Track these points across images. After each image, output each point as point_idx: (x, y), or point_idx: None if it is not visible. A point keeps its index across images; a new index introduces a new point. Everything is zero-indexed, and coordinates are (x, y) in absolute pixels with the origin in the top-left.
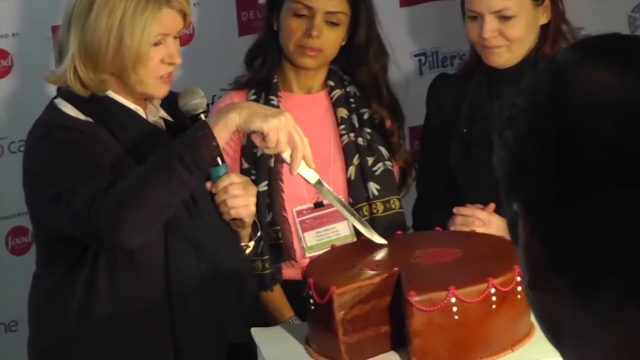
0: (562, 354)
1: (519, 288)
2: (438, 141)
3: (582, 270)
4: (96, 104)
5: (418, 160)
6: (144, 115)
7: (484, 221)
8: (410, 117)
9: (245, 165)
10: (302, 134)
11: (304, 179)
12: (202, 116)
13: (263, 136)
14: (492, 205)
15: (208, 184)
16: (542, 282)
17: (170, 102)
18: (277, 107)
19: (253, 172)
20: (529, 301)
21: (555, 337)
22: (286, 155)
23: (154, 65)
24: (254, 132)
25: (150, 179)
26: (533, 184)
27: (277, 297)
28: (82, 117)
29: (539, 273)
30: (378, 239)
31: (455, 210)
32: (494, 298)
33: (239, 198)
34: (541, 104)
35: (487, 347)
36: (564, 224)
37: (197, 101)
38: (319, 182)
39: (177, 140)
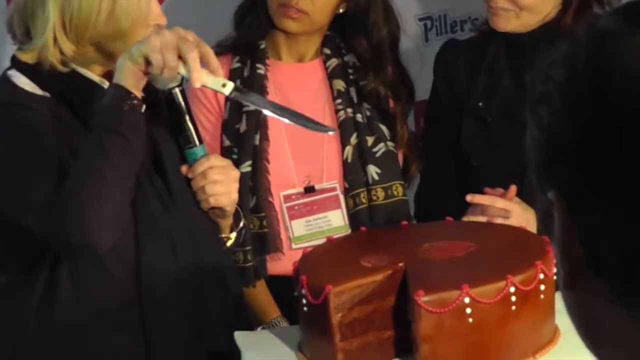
0: (599, 358)
1: (542, 287)
2: (448, 117)
3: (627, 268)
4: (58, 78)
5: (424, 139)
6: None
7: (506, 210)
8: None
9: (227, 143)
10: (194, 36)
11: (215, 90)
12: (176, 90)
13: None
14: (513, 189)
15: (184, 168)
16: (580, 281)
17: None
18: (264, 76)
19: (235, 150)
20: (565, 302)
21: (594, 342)
22: (183, 71)
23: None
24: (148, 64)
25: (90, 166)
26: (570, 168)
27: (260, 294)
28: (39, 92)
29: (577, 271)
30: (325, 129)
31: (469, 198)
32: (513, 298)
33: (219, 184)
34: (580, 76)
35: (506, 354)
36: (606, 216)
37: None
38: (236, 89)
39: (95, 113)
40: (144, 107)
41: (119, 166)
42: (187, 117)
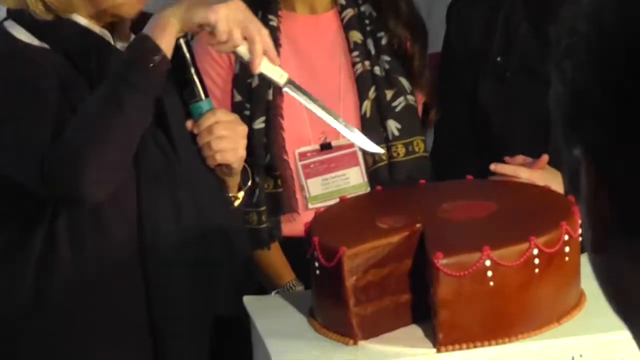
0: (632, 329)
1: (567, 249)
2: (462, 73)
3: None
4: (54, 28)
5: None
6: (111, 42)
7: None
8: None
9: (238, 98)
10: (260, 24)
11: (270, 79)
12: (181, 41)
13: (211, 30)
14: (544, 159)
15: (189, 123)
16: (610, 243)
17: (143, 26)
18: (277, 28)
19: (247, 106)
20: (592, 266)
21: (624, 309)
22: (243, 51)
23: None
24: (201, 28)
25: (99, 115)
26: (599, 125)
27: (275, 256)
28: (36, 42)
29: (606, 232)
30: (374, 148)
31: (492, 167)
32: (536, 261)
33: (226, 140)
34: (608, 28)
35: (529, 320)
36: (638, 170)
37: None
38: (289, 82)
39: (117, 61)
40: (168, 69)
41: (128, 123)
42: (193, 70)
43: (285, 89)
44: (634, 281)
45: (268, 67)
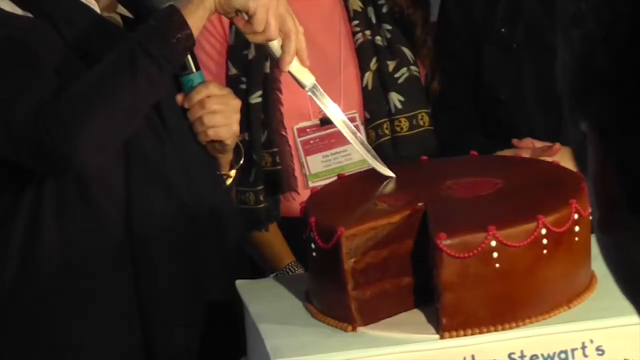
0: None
1: (577, 228)
2: (463, 45)
3: None
4: None
5: None
6: (97, 10)
7: None
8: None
9: (233, 71)
10: (297, 21)
11: (296, 79)
12: None
13: (248, 17)
14: (557, 148)
15: (179, 97)
16: (618, 222)
17: None
18: None
19: (243, 79)
20: (600, 246)
21: (633, 290)
22: (276, 46)
23: None
24: (236, 13)
25: (110, 79)
26: (607, 97)
27: (273, 238)
28: (19, 11)
29: (614, 211)
30: (387, 172)
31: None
32: (545, 241)
33: (219, 114)
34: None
35: (537, 303)
36: None
37: None
38: (314, 87)
39: (139, 29)
40: (191, 47)
41: (138, 94)
42: None
43: (309, 94)
44: None
45: (297, 68)
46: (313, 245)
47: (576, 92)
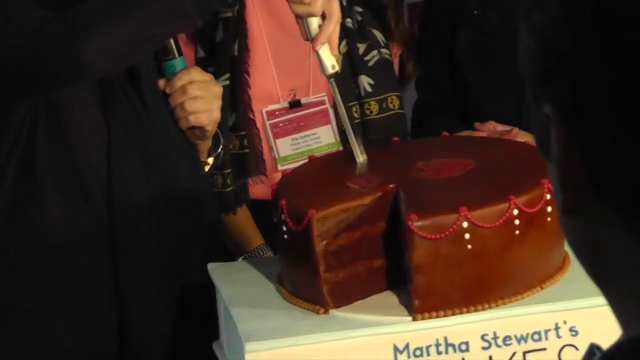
0: (606, 293)
1: (549, 208)
2: (442, 27)
3: (636, 190)
4: None
5: (418, 49)
6: None
7: None
8: None
9: (201, 53)
10: (339, 7)
11: (321, 63)
12: None
13: None
14: (515, 131)
15: (161, 82)
16: (582, 205)
17: None
18: None
19: (211, 62)
20: (564, 229)
21: (598, 273)
22: (314, 24)
23: None
24: None
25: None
26: (569, 81)
27: (242, 220)
28: None
29: (578, 194)
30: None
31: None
32: (517, 222)
33: (200, 100)
34: None
35: (509, 284)
36: (611, 130)
37: None
38: (334, 76)
39: None
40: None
41: (161, 21)
42: None
43: (331, 80)
44: (608, 247)
45: (326, 51)
46: (284, 228)
47: (539, 76)
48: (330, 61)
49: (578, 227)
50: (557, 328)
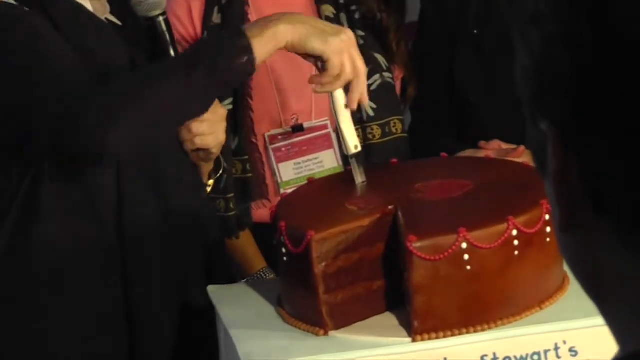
0: (602, 309)
1: (548, 229)
2: (439, 46)
3: (633, 205)
4: None
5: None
6: (90, 9)
7: None
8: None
9: None
10: (362, 60)
11: (344, 141)
12: (160, 19)
13: (322, 62)
14: (521, 150)
15: None
16: (579, 222)
17: (119, 3)
18: (245, 2)
19: None
20: (561, 246)
21: (594, 289)
22: (340, 101)
23: None
24: (307, 54)
25: (164, 74)
26: (567, 99)
27: (245, 244)
28: (12, 1)
29: (575, 211)
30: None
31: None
32: (516, 242)
33: (206, 123)
34: None
35: (509, 305)
36: (609, 146)
37: (155, 0)
38: (356, 156)
39: (205, 41)
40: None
41: (183, 99)
42: (171, 49)
43: (353, 160)
44: (605, 264)
45: (350, 129)
46: (283, 250)
47: (536, 93)
48: (354, 141)
49: (575, 243)
50: (556, 348)
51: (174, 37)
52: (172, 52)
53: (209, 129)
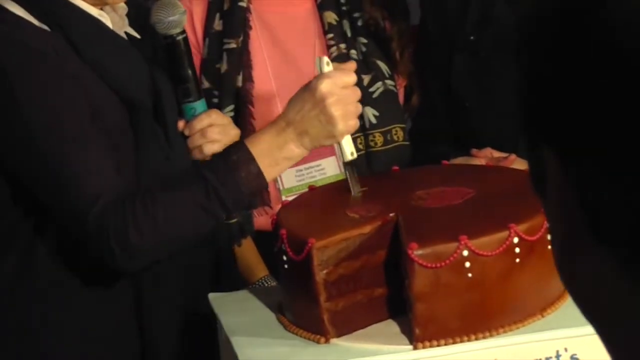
0: (604, 339)
1: (549, 236)
2: (437, 52)
3: (633, 232)
4: (50, 7)
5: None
6: (110, 26)
7: None
8: None
9: (206, 84)
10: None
11: (342, 149)
12: (179, 38)
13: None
14: (512, 158)
15: (181, 124)
16: (578, 249)
17: (137, 16)
18: (247, 9)
19: (215, 93)
20: (560, 271)
21: (594, 317)
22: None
23: None
24: None
25: (179, 212)
26: (566, 121)
27: (247, 252)
28: (35, 22)
29: (574, 237)
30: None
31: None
32: (517, 249)
33: (218, 144)
34: (573, 10)
35: (510, 312)
36: (609, 172)
37: (174, 18)
38: (350, 163)
39: (216, 169)
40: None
41: (199, 230)
42: (189, 69)
43: (347, 167)
44: (604, 290)
45: (348, 139)
46: (284, 258)
47: (533, 115)
48: (350, 148)
49: (573, 270)
50: (558, 356)
51: (192, 57)
52: (189, 71)
53: (221, 150)
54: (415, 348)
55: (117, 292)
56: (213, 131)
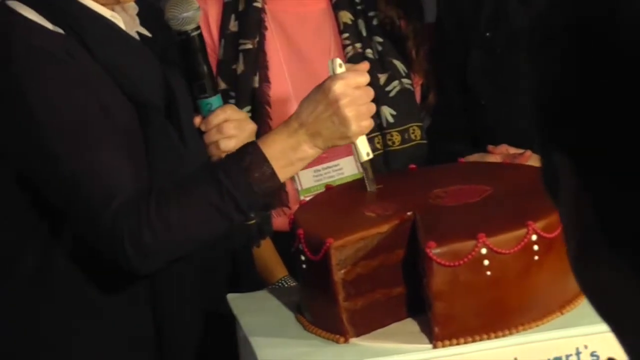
0: (621, 341)
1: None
2: (454, 51)
3: None
4: (63, 10)
5: None
6: (122, 27)
7: None
8: None
9: (223, 86)
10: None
11: (356, 150)
12: (194, 34)
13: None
14: (528, 155)
15: (197, 120)
16: (593, 253)
17: (148, 15)
18: (262, 9)
19: (232, 94)
20: (576, 276)
21: (611, 320)
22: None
23: None
24: None
25: (194, 214)
26: (579, 125)
27: (266, 253)
28: (49, 25)
29: (589, 242)
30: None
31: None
32: (535, 247)
33: (235, 140)
34: (588, 15)
35: (529, 310)
36: (622, 178)
37: (188, 14)
38: (369, 163)
39: (229, 171)
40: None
41: (214, 232)
42: (204, 65)
43: (364, 166)
44: (618, 294)
45: (363, 139)
46: (302, 258)
47: (546, 121)
48: (365, 149)
49: (588, 274)
50: (578, 353)
51: (207, 52)
52: (204, 67)
53: (238, 146)
54: (435, 347)
55: (135, 293)
56: (229, 127)
